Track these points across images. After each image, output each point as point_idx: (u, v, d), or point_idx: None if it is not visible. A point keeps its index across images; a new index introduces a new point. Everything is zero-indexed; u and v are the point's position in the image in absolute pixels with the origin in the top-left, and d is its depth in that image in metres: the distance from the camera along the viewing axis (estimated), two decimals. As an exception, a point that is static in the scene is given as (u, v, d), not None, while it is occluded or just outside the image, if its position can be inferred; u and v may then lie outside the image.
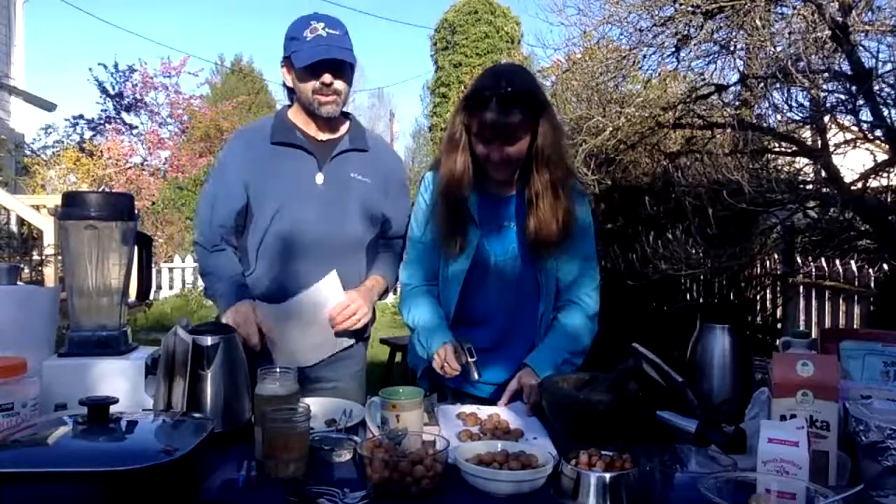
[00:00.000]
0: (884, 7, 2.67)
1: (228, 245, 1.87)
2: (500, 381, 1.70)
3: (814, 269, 3.98)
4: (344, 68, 1.80)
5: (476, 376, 1.61)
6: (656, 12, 3.22)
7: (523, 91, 1.58)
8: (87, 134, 12.96)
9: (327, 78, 1.77)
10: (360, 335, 1.93)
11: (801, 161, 3.50)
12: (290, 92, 1.89)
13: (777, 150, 3.41)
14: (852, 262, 3.65)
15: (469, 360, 1.61)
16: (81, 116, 13.11)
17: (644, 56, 3.49)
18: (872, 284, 3.51)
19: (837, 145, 2.97)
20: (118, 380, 1.41)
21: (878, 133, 2.75)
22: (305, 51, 1.76)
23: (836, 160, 2.93)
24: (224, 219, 1.84)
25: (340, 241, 1.84)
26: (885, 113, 2.62)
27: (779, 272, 4.27)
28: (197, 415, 1.27)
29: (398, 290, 1.89)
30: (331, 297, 1.80)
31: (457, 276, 1.73)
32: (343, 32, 1.81)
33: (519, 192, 1.72)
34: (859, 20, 2.54)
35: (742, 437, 1.19)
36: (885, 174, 2.89)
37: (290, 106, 1.93)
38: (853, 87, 2.65)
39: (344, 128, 1.92)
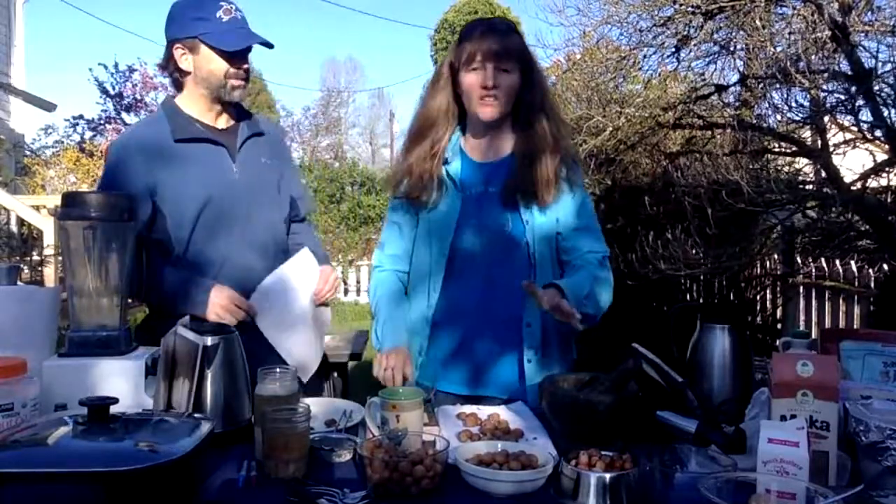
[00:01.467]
0: (884, 7, 2.67)
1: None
2: (487, 393, 1.66)
3: (814, 269, 3.98)
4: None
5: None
6: (656, 12, 3.22)
7: (512, 28, 1.62)
8: (88, 134, 12.94)
9: (246, 63, 1.77)
10: None
11: (801, 161, 3.50)
12: (180, 76, 1.79)
13: (777, 150, 3.41)
14: (852, 262, 3.65)
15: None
16: (81, 117, 13.09)
17: (644, 56, 3.50)
18: (872, 284, 3.50)
19: (837, 145, 2.98)
20: (118, 380, 1.40)
21: (878, 133, 2.75)
22: (227, 34, 1.71)
23: (836, 160, 2.94)
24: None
25: (268, 227, 1.84)
26: (885, 113, 2.62)
27: (779, 272, 4.27)
28: (197, 415, 1.27)
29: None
30: (310, 270, 1.84)
31: (443, 240, 1.65)
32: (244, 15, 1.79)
33: (508, 157, 1.67)
34: (859, 20, 2.54)
35: (742, 438, 1.19)
36: (885, 174, 2.89)
37: (173, 97, 1.85)
38: (853, 88, 2.65)
39: (235, 113, 1.88)
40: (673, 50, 3.35)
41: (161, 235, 1.76)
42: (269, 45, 1.78)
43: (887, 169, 2.85)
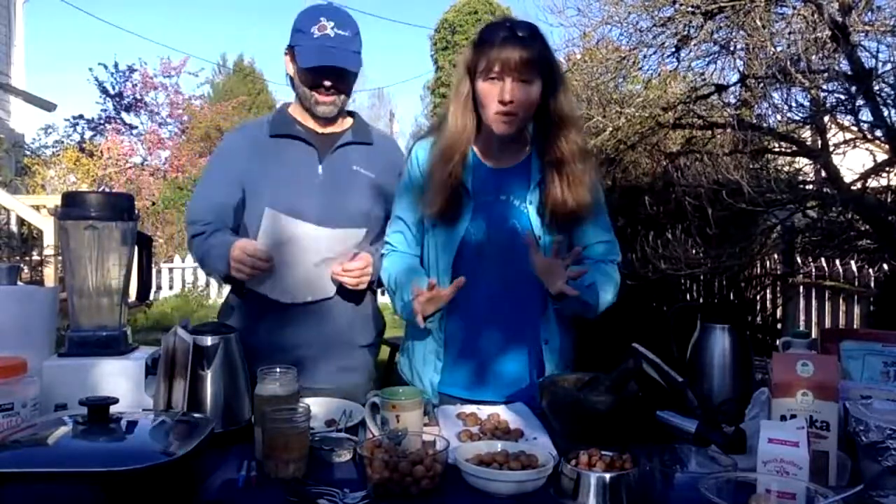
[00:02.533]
0: (884, 7, 2.67)
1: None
2: (490, 399, 1.61)
3: (814, 269, 3.99)
4: (347, 74, 1.78)
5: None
6: (656, 12, 3.23)
7: (535, 32, 1.51)
8: (87, 134, 12.96)
9: (327, 83, 1.76)
10: (371, 341, 1.95)
11: (801, 161, 3.50)
12: (291, 81, 1.86)
13: (777, 150, 3.41)
14: (852, 262, 3.65)
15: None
16: (81, 116, 13.11)
17: (644, 56, 3.50)
18: (872, 284, 3.51)
19: (837, 145, 2.98)
20: (118, 380, 1.41)
21: (878, 133, 2.76)
22: (310, 50, 1.72)
23: (836, 160, 2.94)
24: (216, 214, 1.79)
25: (340, 233, 1.78)
26: (885, 113, 2.62)
27: (779, 272, 4.28)
28: (197, 415, 1.27)
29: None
30: (345, 248, 1.74)
31: (448, 251, 1.60)
32: (353, 33, 1.76)
33: (523, 164, 1.62)
34: (859, 20, 2.54)
35: (742, 438, 1.19)
36: (885, 174, 2.89)
37: (290, 103, 1.92)
38: (853, 87, 2.65)
39: (347, 122, 1.90)
40: (673, 50, 3.36)
41: (245, 227, 1.82)
42: (354, 70, 1.77)
43: (887, 169, 2.85)
